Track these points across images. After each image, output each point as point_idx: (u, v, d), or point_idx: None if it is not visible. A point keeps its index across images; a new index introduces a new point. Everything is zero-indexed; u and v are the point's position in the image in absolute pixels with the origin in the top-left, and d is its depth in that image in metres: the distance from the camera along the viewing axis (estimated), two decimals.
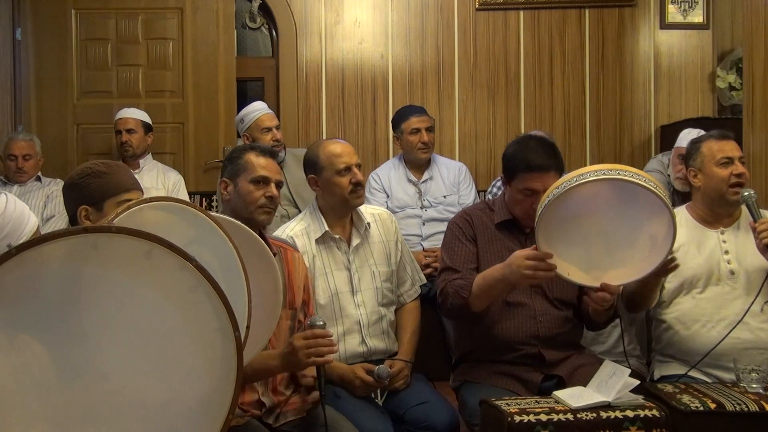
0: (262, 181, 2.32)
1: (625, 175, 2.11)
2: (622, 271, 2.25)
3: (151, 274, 1.28)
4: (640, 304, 2.56)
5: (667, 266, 2.28)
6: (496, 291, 2.37)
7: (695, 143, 2.67)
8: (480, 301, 2.39)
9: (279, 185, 2.37)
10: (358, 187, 2.64)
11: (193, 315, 1.33)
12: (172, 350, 1.33)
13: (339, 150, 2.66)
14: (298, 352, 2.08)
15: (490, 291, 2.36)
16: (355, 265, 2.67)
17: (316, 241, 2.64)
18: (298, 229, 2.66)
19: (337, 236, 2.66)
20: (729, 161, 2.56)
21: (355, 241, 2.69)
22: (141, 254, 1.26)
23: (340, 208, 2.67)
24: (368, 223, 2.73)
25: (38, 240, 1.18)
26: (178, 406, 1.34)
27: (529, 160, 2.42)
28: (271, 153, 2.40)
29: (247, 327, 1.68)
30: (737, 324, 2.43)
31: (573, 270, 2.23)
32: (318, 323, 2.12)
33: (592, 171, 2.13)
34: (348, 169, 2.63)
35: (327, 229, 2.64)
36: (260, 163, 2.34)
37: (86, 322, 1.27)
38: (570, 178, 2.14)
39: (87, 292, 1.26)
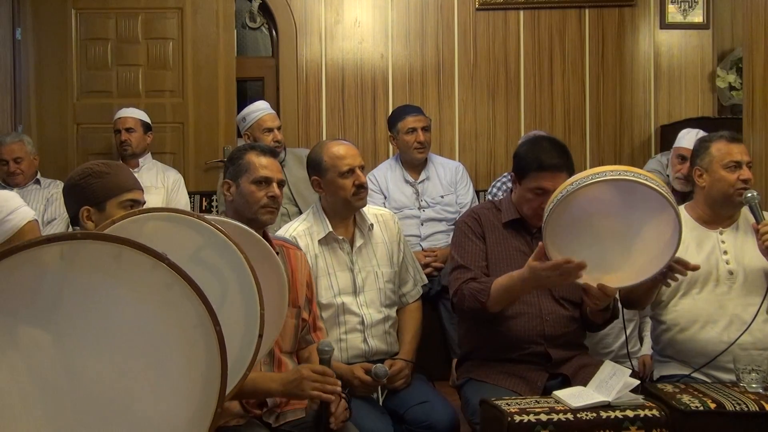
0: (264, 182, 2.32)
1: (633, 176, 2.12)
2: (623, 274, 2.26)
3: (123, 276, 1.27)
4: (635, 303, 2.56)
5: (667, 276, 2.29)
6: (515, 298, 2.41)
7: (704, 142, 2.63)
8: (499, 305, 2.41)
9: (281, 184, 2.37)
10: (361, 189, 2.64)
11: (171, 313, 1.32)
12: (154, 350, 1.32)
13: (342, 152, 2.65)
14: (303, 382, 2.08)
15: (510, 298, 2.40)
16: (358, 266, 2.68)
17: (319, 241, 2.64)
18: (300, 230, 2.67)
19: (340, 237, 2.67)
20: (737, 165, 2.52)
21: (358, 242, 2.69)
22: (110, 257, 1.25)
23: (343, 209, 2.67)
24: (371, 224, 2.73)
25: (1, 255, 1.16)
26: (164, 405, 1.34)
27: (542, 160, 2.44)
28: (271, 152, 2.39)
29: (260, 335, 1.68)
30: (747, 328, 2.41)
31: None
32: (327, 349, 2.14)
33: (600, 172, 2.14)
34: (351, 171, 2.63)
35: (330, 229, 2.64)
36: (261, 163, 2.33)
37: (65, 329, 1.26)
38: (577, 179, 2.14)
39: (63, 299, 1.25)
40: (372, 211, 2.79)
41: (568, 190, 2.14)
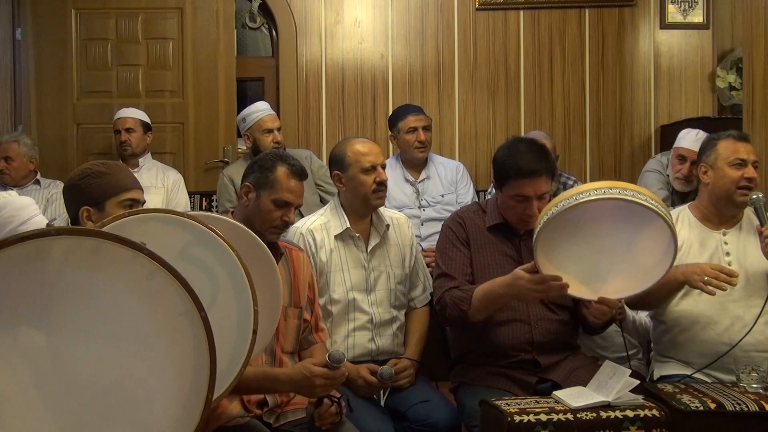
0: (285, 205, 2.31)
1: (626, 195, 2.09)
2: (621, 285, 2.25)
3: (105, 269, 1.28)
4: (650, 305, 2.55)
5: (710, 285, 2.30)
6: (497, 305, 2.39)
7: (712, 139, 2.62)
8: (480, 314, 2.40)
9: (297, 208, 2.36)
10: (381, 187, 2.66)
11: (155, 302, 1.32)
12: (142, 340, 1.33)
13: (366, 149, 2.68)
14: (315, 388, 2.11)
15: (492, 305, 2.38)
16: (371, 265, 2.70)
17: (335, 237, 2.66)
18: (318, 224, 2.69)
19: (356, 234, 2.68)
20: (742, 163, 2.52)
21: (373, 242, 2.71)
22: (89, 252, 1.25)
23: (361, 206, 2.69)
24: (387, 225, 2.74)
25: None
26: (156, 393, 1.34)
27: (520, 166, 2.40)
28: (301, 174, 2.35)
29: (254, 332, 1.68)
30: (751, 328, 2.40)
31: (573, 282, 2.22)
32: (336, 361, 2.12)
33: (591, 189, 2.11)
34: (374, 168, 2.65)
35: (348, 225, 2.67)
36: (289, 187, 2.31)
37: (52, 325, 1.26)
38: (569, 195, 2.12)
39: (52, 296, 1.25)
40: (387, 213, 2.81)
41: (562, 205, 2.12)
